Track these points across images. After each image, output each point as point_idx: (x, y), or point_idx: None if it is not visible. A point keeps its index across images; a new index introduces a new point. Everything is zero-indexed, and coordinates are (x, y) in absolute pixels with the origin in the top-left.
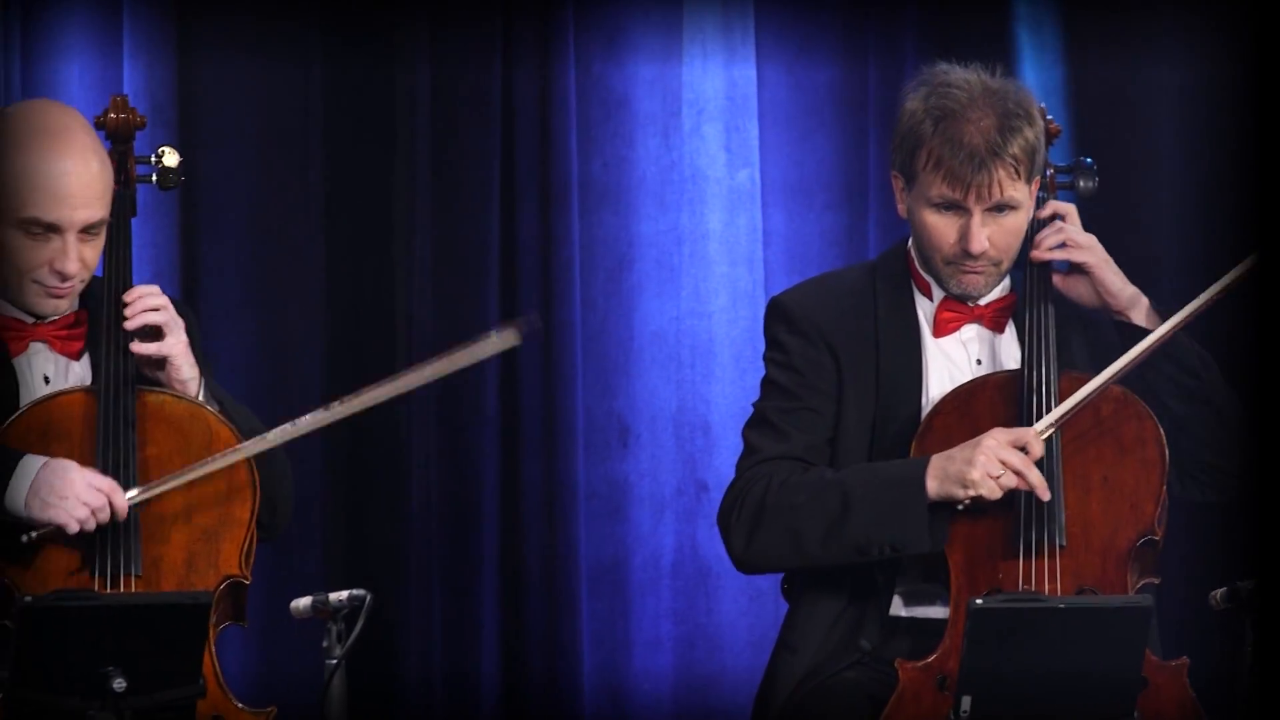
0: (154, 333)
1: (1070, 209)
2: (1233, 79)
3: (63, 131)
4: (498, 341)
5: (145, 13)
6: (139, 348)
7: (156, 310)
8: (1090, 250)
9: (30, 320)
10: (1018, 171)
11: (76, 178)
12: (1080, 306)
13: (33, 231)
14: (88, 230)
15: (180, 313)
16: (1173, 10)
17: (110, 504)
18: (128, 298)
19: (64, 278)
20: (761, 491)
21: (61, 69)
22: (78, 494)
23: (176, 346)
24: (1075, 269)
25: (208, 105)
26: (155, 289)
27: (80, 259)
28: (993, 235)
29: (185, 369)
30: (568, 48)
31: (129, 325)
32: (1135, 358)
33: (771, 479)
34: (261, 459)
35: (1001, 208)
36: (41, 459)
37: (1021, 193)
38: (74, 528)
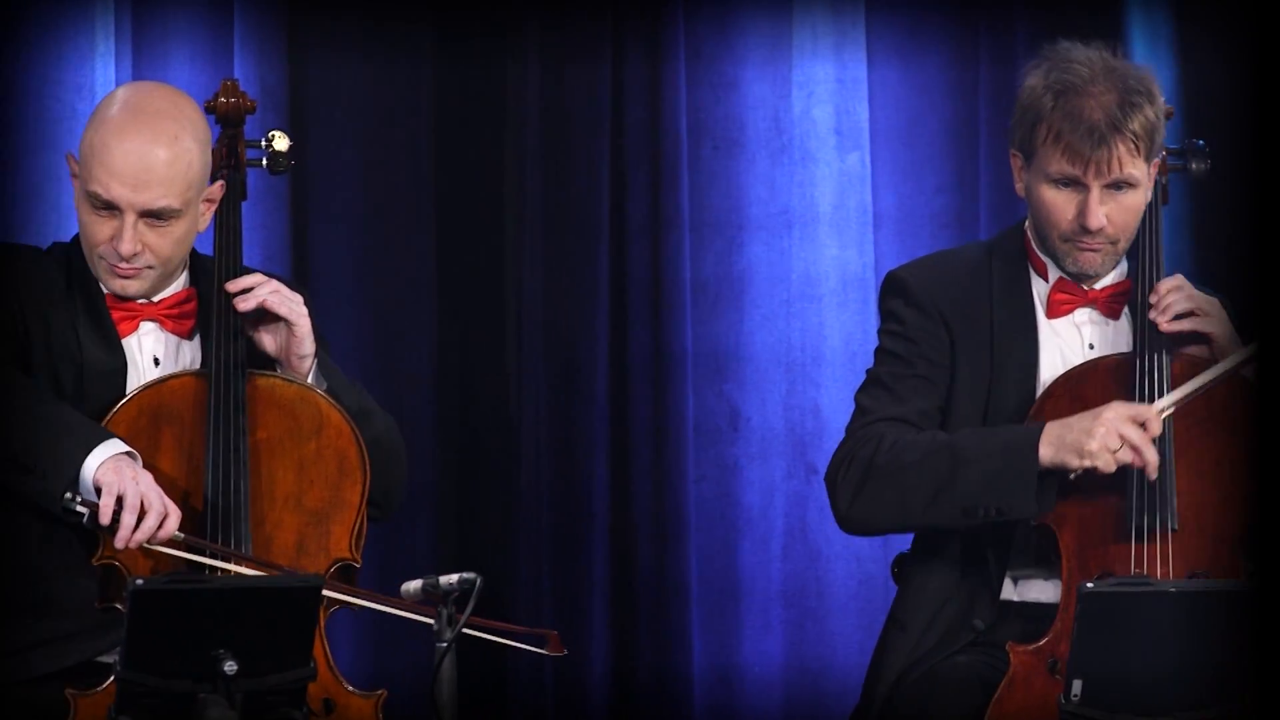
0: (272, 316)
1: (1179, 279)
2: None
3: (149, 114)
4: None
5: (257, 1)
6: (242, 301)
7: (275, 293)
8: (1215, 320)
9: (142, 300)
10: (1137, 148)
11: (139, 160)
12: None
13: (96, 207)
14: (153, 215)
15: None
16: None
17: (159, 522)
18: (232, 286)
19: (122, 257)
20: (871, 451)
21: (172, 53)
22: (148, 488)
23: (304, 320)
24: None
25: (319, 91)
26: (260, 277)
27: (142, 242)
28: (1110, 212)
29: (307, 343)
30: (678, 32)
31: (242, 307)
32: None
33: (882, 439)
34: (375, 443)
35: (1120, 185)
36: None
37: (1140, 171)
38: (114, 512)
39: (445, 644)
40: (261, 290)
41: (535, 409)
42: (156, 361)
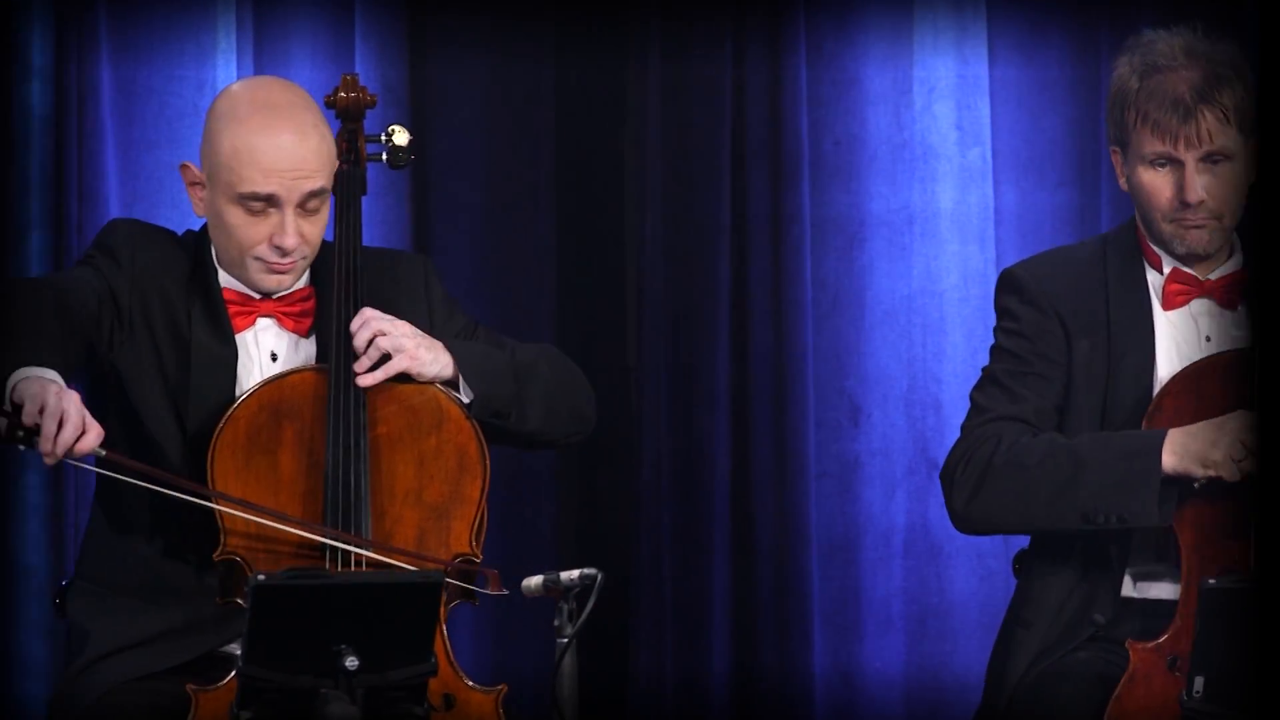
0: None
1: None
2: None
3: (282, 106)
4: None
5: None
6: (366, 380)
7: (383, 335)
8: None
9: (258, 295)
10: (1228, 118)
11: (294, 150)
12: None
13: (252, 207)
14: (307, 204)
15: (411, 270)
16: None
17: (77, 435)
18: (353, 327)
19: (284, 253)
20: (990, 451)
21: (293, 49)
22: (69, 403)
23: (403, 361)
24: None
25: (439, 86)
26: (370, 316)
27: (299, 233)
28: (1209, 185)
29: (428, 368)
30: (798, 27)
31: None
32: None
33: (1001, 439)
34: (553, 384)
35: (1215, 157)
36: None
37: (1235, 142)
38: (30, 416)
39: (566, 640)
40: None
41: (656, 405)
42: (274, 357)
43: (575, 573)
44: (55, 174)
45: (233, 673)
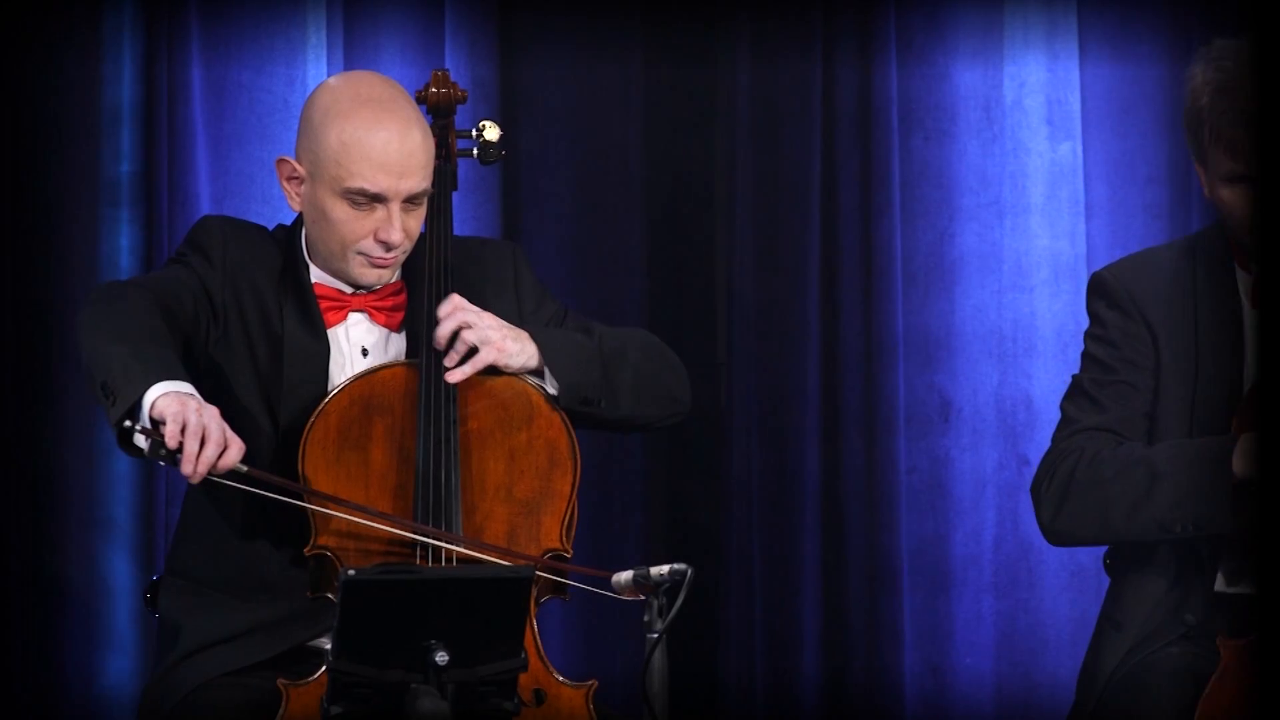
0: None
1: None
2: None
3: (386, 101)
4: None
5: None
6: (456, 376)
7: (469, 329)
8: None
9: (350, 290)
10: None
11: (400, 147)
12: None
13: (357, 202)
14: (411, 200)
15: (500, 258)
16: None
17: (219, 451)
18: (440, 313)
19: (388, 247)
20: (1073, 464)
21: (383, 46)
22: (209, 419)
23: (490, 353)
24: None
25: (529, 82)
26: (457, 305)
27: (404, 229)
28: None
29: (514, 359)
30: (889, 23)
31: (440, 344)
32: None
33: (1083, 452)
34: (645, 367)
35: None
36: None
37: None
38: (174, 437)
39: (656, 635)
40: (456, 351)
41: (746, 399)
42: (365, 352)
43: (665, 568)
44: (146, 170)
45: (323, 668)
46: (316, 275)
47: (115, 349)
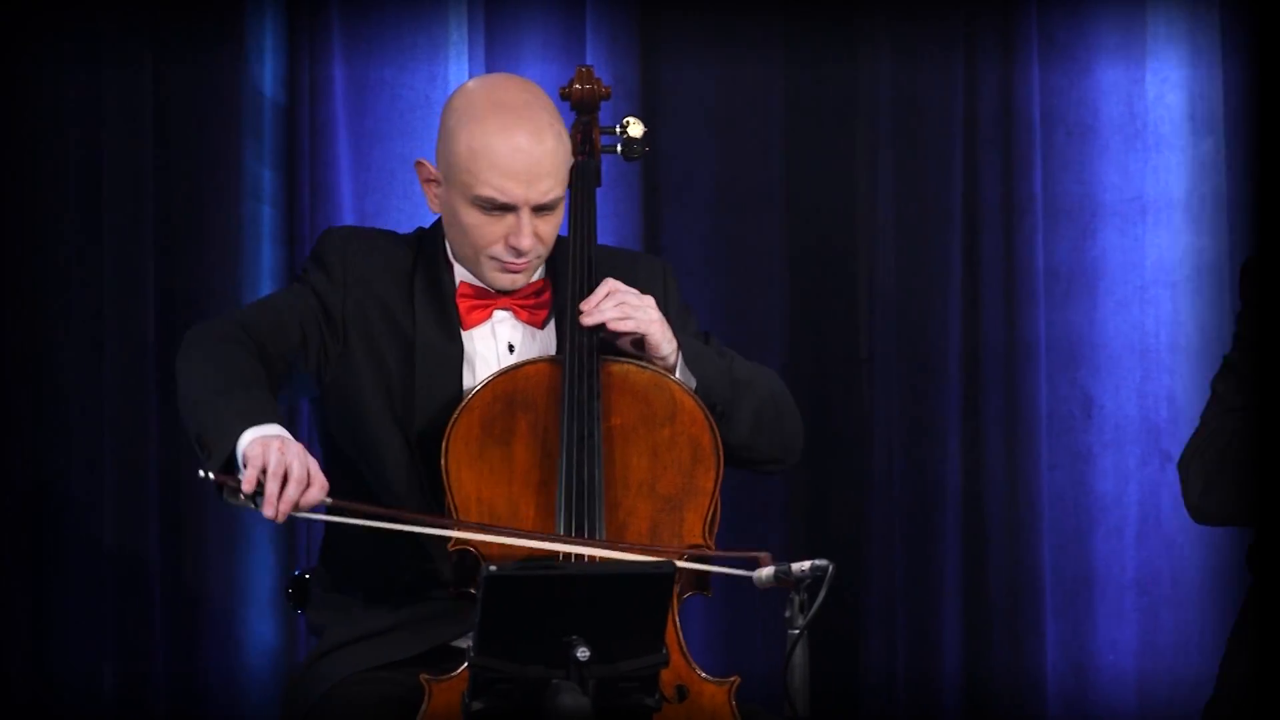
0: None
1: None
2: None
3: (519, 107)
4: None
5: None
6: (591, 319)
7: (619, 306)
8: None
9: (493, 290)
10: None
11: (529, 155)
12: None
13: (487, 209)
14: (543, 207)
15: (650, 273)
16: None
17: (301, 490)
18: (587, 304)
19: (519, 253)
20: (1225, 442)
21: (525, 42)
22: (292, 457)
23: (650, 325)
24: None
25: (671, 78)
26: (610, 285)
27: (535, 235)
28: None
29: (663, 347)
30: (1030, 22)
31: (586, 322)
32: None
33: (1236, 430)
34: (765, 405)
35: None
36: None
37: None
38: (250, 482)
39: (797, 631)
40: (606, 308)
41: (888, 397)
42: (511, 349)
43: (806, 564)
44: (288, 167)
45: (465, 663)
46: (461, 275)
47: (206, 399)
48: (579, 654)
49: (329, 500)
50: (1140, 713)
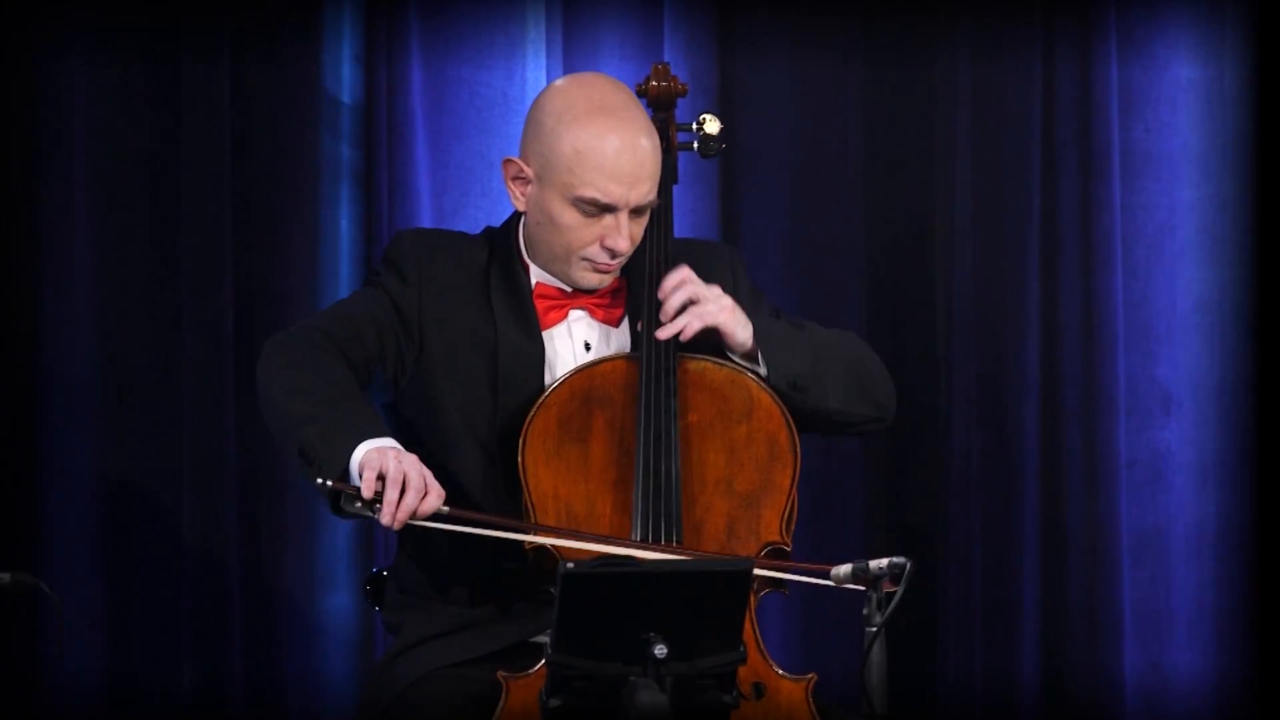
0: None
1: None
2: None
3: (619, 110)
4: None
5: None
6: (667, 331)
7: (686, 297)
8: None
9: (569, 289)
10: None
11: (633, 157)
12: None
13: (587, 210)
14: (639, 209)
15: (718, 260)
16: None
17: (419, 498)
18: (663, 314)
19: (614, 254)
20: None
21: (603, 39)
22: (409, 466)
23: (719, 315)
24: None
25: (748, 76)
26: (681, 275)
27: (630, 236)
28: None
29: (740, 331)
30: (1108, 16)
31: (661, 336)
32: None
33: None
34: (852, 370)
35: None
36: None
37: None
38: (370, 486)
39: (875, 629)
40: (676, 301)
41: (965, 391)
42: (588, 347)
43: (884, 561)
44: (366, 164)
45: (542, 661)
46: (537, 275)
47: (309, 413)
48: (657, 651)
49: (446, 509)
50: (1218, 711)
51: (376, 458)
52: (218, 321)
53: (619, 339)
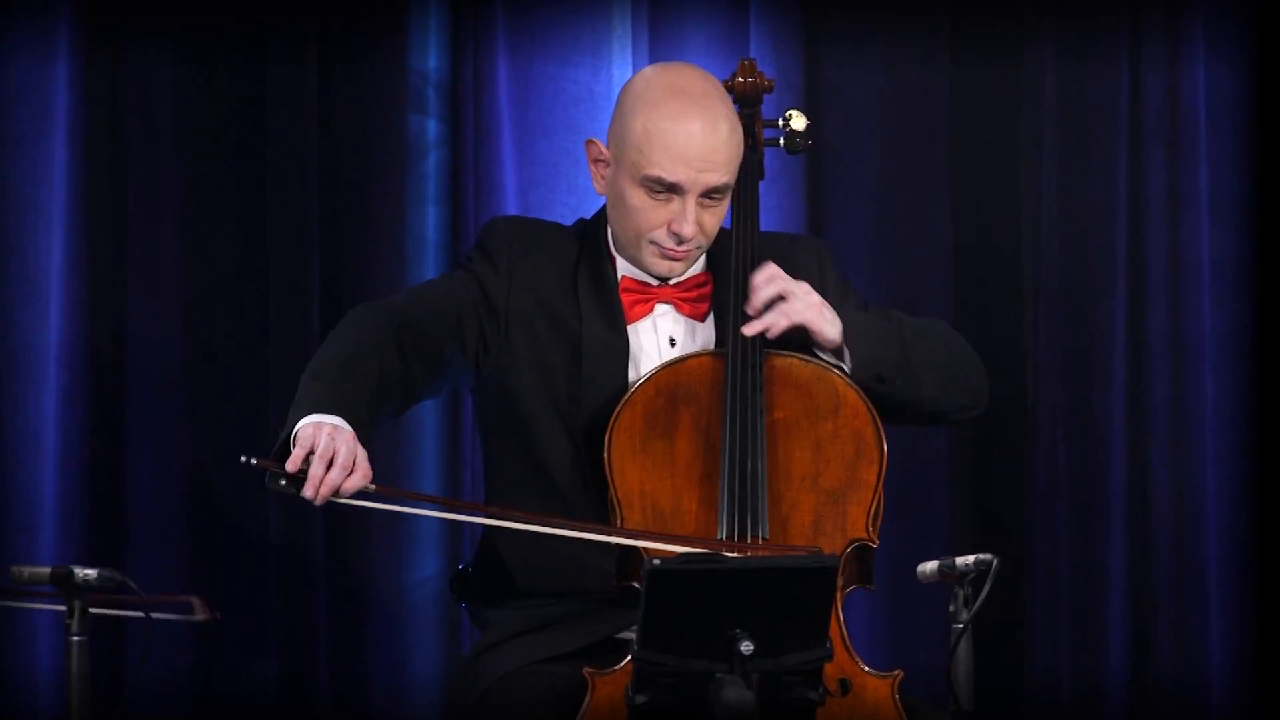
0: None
1: None
2: None
3: (697, 95)
4: None
5: None
6: (754, 327)
7: (775, 293)
8: None
9: (655, 283)
10: None
11: (704, 140)
12: None
13: (654, 190)
14: (710, 195)
15: (806, 254)
16: None
17: (344, 474)
18: (750, 306)
19: (680, 240)
20: None
21: (688, 35)
22: (341, 442)
23: (806, 313)
24: None
25: (833, 75)
26: (776, 273)
27: (698, 223)
28: None
29: (828, 329)
30: (1195, 14)
31: (748, 332)
32: None
33: None
34: (942, 357)
35: None
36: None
37: None
38: (294, 462)
39: (961, 625)
40: (764, 294)
41: (1052, 392)
42: (673, 342)
43: (971, 558)
44: (452, 160)
45: (628, 657)
46: (623, 268)
47: (303, 381)
48: (743, 648)
49: (373, 487)
50: None
51: (310, 433)
52: (304, 320)
53: (704, 333)
